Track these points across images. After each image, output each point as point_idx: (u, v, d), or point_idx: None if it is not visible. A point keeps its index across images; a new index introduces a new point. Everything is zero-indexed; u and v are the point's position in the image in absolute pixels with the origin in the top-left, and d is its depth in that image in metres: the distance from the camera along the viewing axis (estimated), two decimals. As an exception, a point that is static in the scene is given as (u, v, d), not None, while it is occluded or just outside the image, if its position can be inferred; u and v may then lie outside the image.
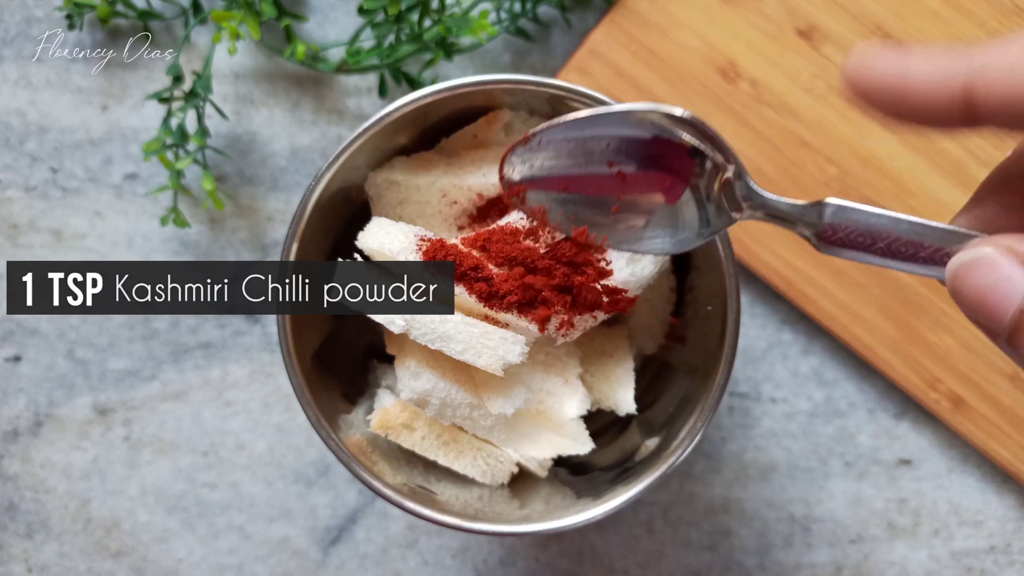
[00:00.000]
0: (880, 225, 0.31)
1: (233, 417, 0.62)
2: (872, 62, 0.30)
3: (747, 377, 0.62)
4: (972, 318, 0.30)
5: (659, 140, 0.37)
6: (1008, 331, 0.28)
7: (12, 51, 0.61)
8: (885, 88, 0.30)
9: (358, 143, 0.45)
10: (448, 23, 0.56)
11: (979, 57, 0.28)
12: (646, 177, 0.38)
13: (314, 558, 0.62)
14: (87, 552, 0.62)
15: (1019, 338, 0.28)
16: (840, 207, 0.32)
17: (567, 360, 0.50)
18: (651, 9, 0.59)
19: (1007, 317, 0.28)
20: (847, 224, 0.32)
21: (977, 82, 0.28)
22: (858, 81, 0.30)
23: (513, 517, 0.46)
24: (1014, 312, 0.28)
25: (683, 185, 0.37)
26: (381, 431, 0.48)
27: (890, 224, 0.31)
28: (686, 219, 0.38)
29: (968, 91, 0.28)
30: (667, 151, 0.37)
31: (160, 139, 0.57)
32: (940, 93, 0.28)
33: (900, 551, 0.62)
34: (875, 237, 0.32)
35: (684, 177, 0.37)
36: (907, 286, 0.59)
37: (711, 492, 0.62)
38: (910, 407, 0.61)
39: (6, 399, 0.62)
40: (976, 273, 0.29)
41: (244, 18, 0.55)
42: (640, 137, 0.37)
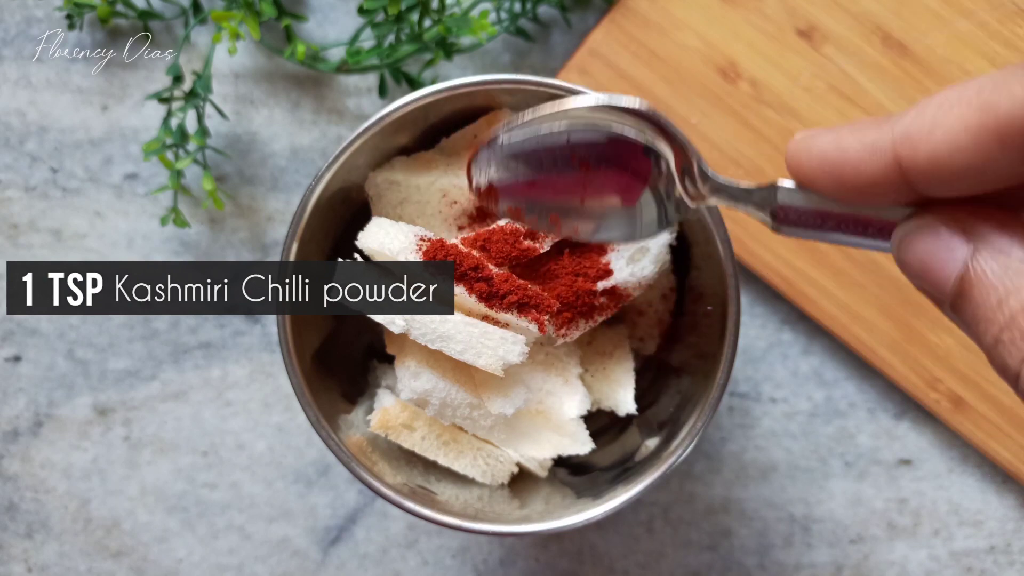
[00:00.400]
0: (832, 205, 0.32)
1: (233, 417, 0.62)
2: (806, 144, 0.30)
3: (747, 377, 0.62)
4: (918, 286, 0.30)
5: (615, 141, 0.37)
6: (951, 297, 0.29)
7: (12, 51, 0.61)
8: (822, 169, 0.30)
9: (358, 143, 0.45)
10: (448, 23, 0.56)
11: (900, 123, 0.28)
12: (605, 178, 0.38)
13: (314, 558, 0.62)
14: (87, 552, 0.62)
15: (962, 304, 0.28)
16: (791, 189, 0.33)
17: (567, 360, 0.50)
18: (651, 9, 0.59)
19: (949, 283, 0.28)
20: (799, 204, 0.32)
21: (902, 150, 0.28)
22: (798, 166, 0.31)
23: (513, 517, 0.46)
24: (955, 278, 0.28)
25: (642, 185, 0.37)
26: (381, 431, 0.48)
27: (839, 204, 0.32)
28: (644, 215, 0.38)
29: (897, 161, 0.28)
30: (623, 151, 0.37)
31: (160, 139, 0.57)
32: (873, 167, 0.29)
33: (900, 551, 0.62)
34: (825, 216, 0.32)
35: (642, 177, 0.37)
36: (907, 286, 0.58)
37: (711, 492, 0.62)
38: (910, 407, 0.61)
39: (6, 399, 0.62)
40: (918, 241, 0.29)
41: (244, 18, 0.55)
42: (595, 139, 0.37)
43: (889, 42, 0.58)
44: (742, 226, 0.59)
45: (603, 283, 0.46)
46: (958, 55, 0.58)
